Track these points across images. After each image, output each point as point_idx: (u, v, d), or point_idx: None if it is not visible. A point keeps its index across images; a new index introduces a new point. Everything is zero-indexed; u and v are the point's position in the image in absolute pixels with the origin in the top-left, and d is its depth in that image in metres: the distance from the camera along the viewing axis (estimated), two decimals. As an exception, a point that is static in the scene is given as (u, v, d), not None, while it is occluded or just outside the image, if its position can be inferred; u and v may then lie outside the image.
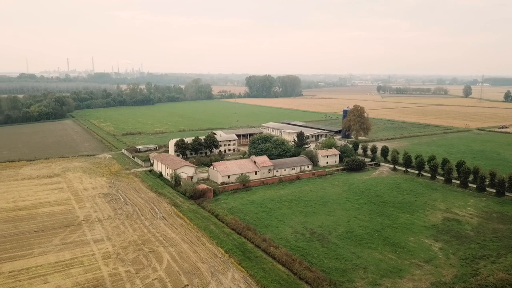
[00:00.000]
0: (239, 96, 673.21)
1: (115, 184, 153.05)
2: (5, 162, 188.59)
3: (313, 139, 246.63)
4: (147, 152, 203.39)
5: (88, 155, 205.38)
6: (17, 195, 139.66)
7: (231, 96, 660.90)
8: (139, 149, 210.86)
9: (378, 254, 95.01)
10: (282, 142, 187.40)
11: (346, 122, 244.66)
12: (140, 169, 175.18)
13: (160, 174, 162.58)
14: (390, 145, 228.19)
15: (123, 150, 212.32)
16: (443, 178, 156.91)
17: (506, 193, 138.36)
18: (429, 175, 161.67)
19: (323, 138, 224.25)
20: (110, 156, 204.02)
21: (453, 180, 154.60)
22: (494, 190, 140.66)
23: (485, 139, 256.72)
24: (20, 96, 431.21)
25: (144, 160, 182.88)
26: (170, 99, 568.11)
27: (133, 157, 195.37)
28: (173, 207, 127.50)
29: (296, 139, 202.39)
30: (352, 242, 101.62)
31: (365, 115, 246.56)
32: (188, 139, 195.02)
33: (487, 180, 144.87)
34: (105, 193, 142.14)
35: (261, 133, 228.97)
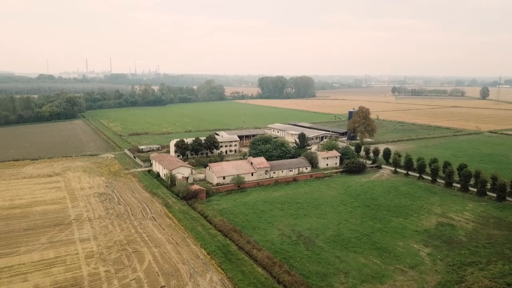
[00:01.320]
0: (251, 97, 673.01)
1: (111, 184, 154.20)
2: (10, 161, 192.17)
3: (317, 140, 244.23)
4: (150, 152, 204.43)
5: (91, 155, 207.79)
6: (15, 193, 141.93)
7: (243, 97, 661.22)
8: (142, 149, 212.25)
9: (363, 258, 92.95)
10: (282, 144, 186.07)
11: (351, 124, 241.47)
12: (140, 169, 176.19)
13: (158, 175, 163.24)
14: (396, 148, 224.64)
15: (126, 150, 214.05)
16: (444, 182, 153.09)
17: (507, 198, 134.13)
18: (430, 178, 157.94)
19: (325, 140, 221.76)
20: (113, 156, 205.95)
21: (454, 184, 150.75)
22: (495, 195, 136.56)
23: (496, 142, 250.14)
24: (35, 96, 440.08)
25: (144, 160, 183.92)
26: (182, 100, 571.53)
27: (134, 157, 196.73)
28: (164, 207, 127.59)
29: (297, 140, 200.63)
30: (338, 246, 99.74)
31: (371, 116, 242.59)
32: (188, 140, 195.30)
33: (489, 184, 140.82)
34: (101, 193, 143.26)
35: (264, 134, 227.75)
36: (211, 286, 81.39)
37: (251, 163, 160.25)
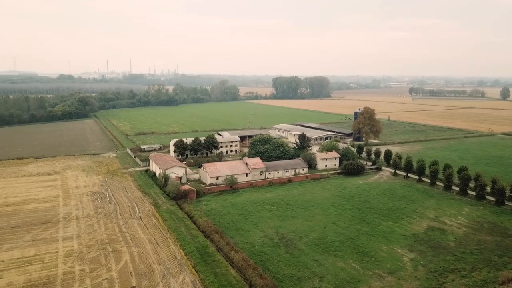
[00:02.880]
0: (265, 98, 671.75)
1: (107, 183, 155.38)
2: (13, 159, 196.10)
3: (322, 141, 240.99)
4: (151, 152, 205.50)
5: (93, 154, 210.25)
6: (11, 191, 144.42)
7: (257, 97, 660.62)
8: (144, 148, 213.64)
9: (342, 262, 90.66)
10: (281, 144, 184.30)
11: (355, 125, 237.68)
12: (138, 169, 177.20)
13: (154, 174, 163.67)
14: (402, 149, 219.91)
15: (127, 150, 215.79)
16: (442, 185, 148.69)
17: (507, 202, 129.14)
18: (430, 181, 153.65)
19: (326, 141, 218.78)
20: (114, 155, 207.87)
21: (453, 187, 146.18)
22: (494, 199, 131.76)
23: (508, 144, 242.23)
24: (50, 96, 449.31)
25: (143, 160, 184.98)
26: (195, 100, 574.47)
27: (134, 156, 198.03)
28: (153, 207, 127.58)
29: (298, 141, 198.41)
30: (319, 249, 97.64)
31: (377, 117, 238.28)
32: (188, 140, 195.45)
33: (489, 188, 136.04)
34: (94, 192, 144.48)
35: (268, 134, 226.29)
36: (181, 287, 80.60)
37: (246, 163, 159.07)
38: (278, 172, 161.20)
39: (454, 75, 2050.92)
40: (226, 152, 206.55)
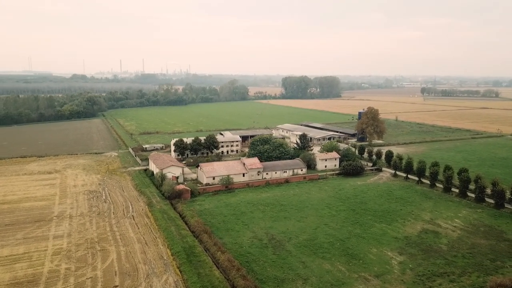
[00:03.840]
0: (274, 97, 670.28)
1: (105, 182, 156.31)
2: (17, 157, 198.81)
3: (324, 141, 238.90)
4: (153, 151, 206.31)
5: (96, 153, 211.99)
6: (10, 189, 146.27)
7: (266, 97, 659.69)
8: (146, 148, 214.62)
9: (329, 265, 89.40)
10: (281, 144, 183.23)
11: (359, 125, 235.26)
12: (137, 168, 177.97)
13: (153, 174, 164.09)
14: (406, 150, 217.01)
15: (130, 149, 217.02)
16: (442, 186, 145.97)
17: (507, 205, 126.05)
18: (429, 182, 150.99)
19: (327, 141, 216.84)
20: (116, 154, 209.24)
21: (453, 189, 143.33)
22: (493, 201, 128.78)
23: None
24: (59, 95, 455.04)
25: (142, 159, 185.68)
26: (203, 100, 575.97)
27: (135, 155, 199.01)
28: (147, 206, 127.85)
29: (298, 141, 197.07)
30: (307, 250, 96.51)
31: (380, 117, 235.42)
32: (188, 139, 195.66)
33: (489, 190, 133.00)
34: (91, 190, 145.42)
35: (271, 134, 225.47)
36: (163, 287, 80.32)
37: (244, 163, 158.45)
38: (275, 173, 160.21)
39: (469, 75, 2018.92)
40: (227, 152, 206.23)
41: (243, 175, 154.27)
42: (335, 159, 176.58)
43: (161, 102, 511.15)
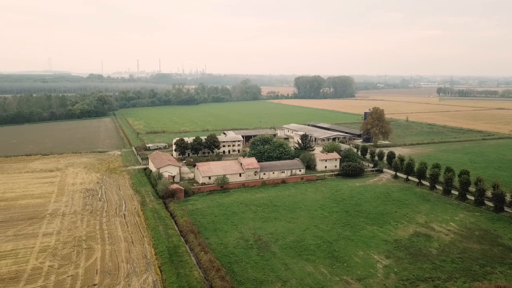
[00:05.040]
0: (286, 97, 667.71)
1: (103, 180, 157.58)
2: (22, 155, 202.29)
3: (329, 142, 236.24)
4: (156, 150, 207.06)
5: (100, 152, 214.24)
6: (9, 186, 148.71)
7: (278, 97, 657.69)
8: (149, 147, 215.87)
9: (312, 267, 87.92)
10: (281, 144, 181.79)
11: (364, 125, 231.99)
12: (137, 167, 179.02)
13: (151, 172, 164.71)
14: (412, 151, 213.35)
15: (133, 148, 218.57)
16: (442, 189, 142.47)
17: (506, 209, 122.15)
18: (429, 184, 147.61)
19: (328, 141, 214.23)
20: (119, 153, 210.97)
21: (454, 192, 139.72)
22: (493, 205, 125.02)
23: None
24: (71, 95, 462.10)
25: (143, 158, 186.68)
26: (215, 100, 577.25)
27: (137, 154, 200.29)
28: (140, 205, 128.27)
29: (300, 141, 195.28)
30: (292, 252, 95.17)
31: (386, 117, 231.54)
32: (189, 139, 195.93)
33: (489, 193, 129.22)
34: (88, 189, 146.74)
35: (270, 134, 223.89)
36: (141, 287, 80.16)
37: (241, 163, 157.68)
38: (273, 173, 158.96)
39: (490, 75, 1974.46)
40: (229, 151, 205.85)
41: (240, 175, 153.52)
42: (336, 160, 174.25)
43: (173, 102, 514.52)
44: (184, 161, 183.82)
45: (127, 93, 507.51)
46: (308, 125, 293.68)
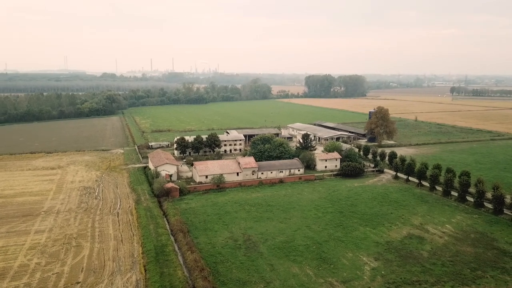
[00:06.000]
0: (297, 96, 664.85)
1: (102, 179, 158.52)
2: (27, 153, 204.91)
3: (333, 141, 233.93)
4: (158, 149, 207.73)
5: (103, 150, 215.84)
6: (9, 184, 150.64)
7: (287, 96, 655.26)
8: (151, 145, 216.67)
9: (298, 268, 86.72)
10: (281, 144, 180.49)
11: (368, 125, 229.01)
12: (138, 165, 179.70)
13: (150, 171, 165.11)
14: (417, 151, 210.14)
15: (135, 146, 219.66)
16: (442, 190, 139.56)
17: (506, 211, 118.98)
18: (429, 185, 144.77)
19: (329, 141, 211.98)
20: (122, 151, 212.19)
21: (454, 193, 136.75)
22: (492, 207, 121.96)
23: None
24: (81, 93, 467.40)
25: (144, 157, 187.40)
26: (224, 99, 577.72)
27: (139, 153, 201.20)
28: (134, 203, 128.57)
29: (301, 140, 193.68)
30: (280, 253, 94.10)
31: (390, 117, 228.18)
32: (190, 138, 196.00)
33: (489, 195, 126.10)
34: (86, 187, 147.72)
35: (271, 133, 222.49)
36: (124, 285, 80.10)
37: (239, 163, 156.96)
38: (271, 172, 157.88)
39: (507, 74, 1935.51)
40: (230, 150, 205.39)
41: (237, 175, 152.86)
42: (336, 160, 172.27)
43: (182, 101, 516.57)
44: (184, 160, 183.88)
45: (136, 91, 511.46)
46: (314, 125, 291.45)
